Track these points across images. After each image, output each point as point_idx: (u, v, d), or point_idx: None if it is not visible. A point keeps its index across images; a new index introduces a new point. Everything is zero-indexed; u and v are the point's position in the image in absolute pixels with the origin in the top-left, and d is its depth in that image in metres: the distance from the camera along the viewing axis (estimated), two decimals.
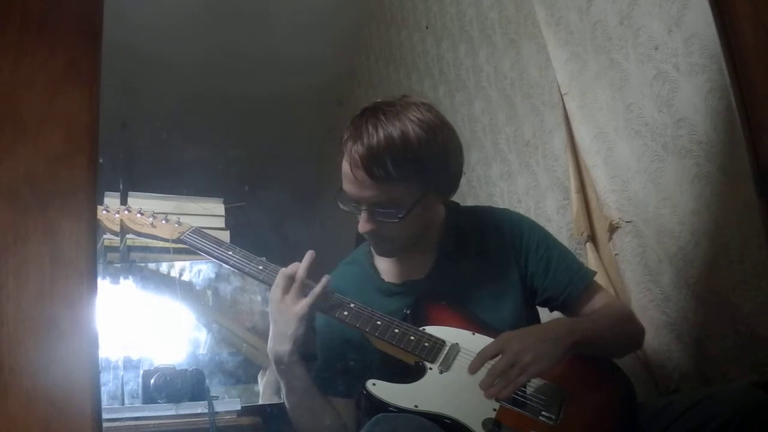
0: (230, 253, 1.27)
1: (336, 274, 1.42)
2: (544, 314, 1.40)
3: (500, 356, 1.11)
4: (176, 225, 1.37)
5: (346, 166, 1.21)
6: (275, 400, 1.74)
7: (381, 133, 1.16)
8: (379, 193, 1.18)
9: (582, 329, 1.20)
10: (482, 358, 1.13)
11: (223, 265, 1.29)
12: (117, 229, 1.43)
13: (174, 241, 1.34)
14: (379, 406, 1.10)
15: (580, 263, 1.39)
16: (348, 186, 1.21)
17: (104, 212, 1.41)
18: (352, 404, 1.28)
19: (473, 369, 1.13)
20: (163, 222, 1.39)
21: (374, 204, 1.20)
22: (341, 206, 1.26)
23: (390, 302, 1.31)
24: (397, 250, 1.31)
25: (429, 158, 1.19)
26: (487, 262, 1.32)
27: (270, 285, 1.23)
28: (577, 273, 1.32)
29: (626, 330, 1.30)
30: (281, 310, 1.19)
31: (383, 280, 1.34)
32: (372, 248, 1.33)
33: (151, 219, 1.40)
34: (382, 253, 1.33)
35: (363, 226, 1.23)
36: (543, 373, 1.12)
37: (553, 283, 1.30)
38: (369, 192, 1.19)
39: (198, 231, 1.34)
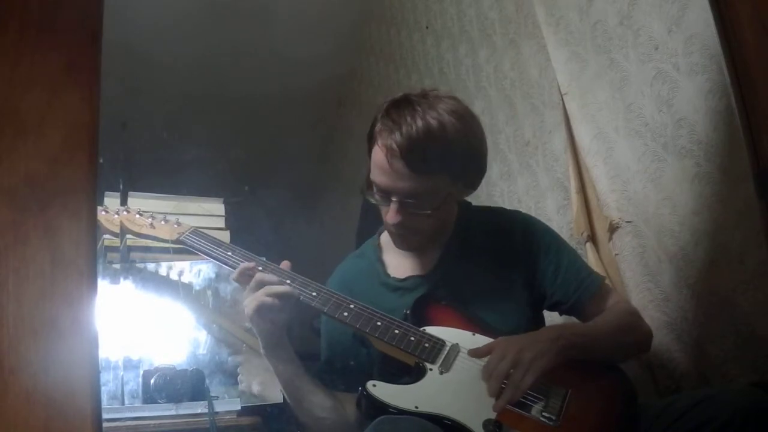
0: (229, 253, 1.26)
1: (343, 267, 1.42)
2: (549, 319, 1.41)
3: (502, 360, 1.11)
4: (175, 225, 1.36)
5: (380, 157, 1.18)
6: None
7: (420, 123, 1.15)
8: (416, 185, 1.17)
9: (574, 333, 1.20)
10: (491, 367, 1.13)
11: (222, 265, 1.28)
12: (116, 230, 1.43)
13: (173, 242, 1.33)
14: (380, 407, 1.10)
15: (590, 268, 1.39)
16: (380, 177, 1.20)
17: (103, 213, 1.41)
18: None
19: (486, 377, 1.12)
20: (162, 223, 1.38)
21: (408, 195, 1.19)
22: (369, 198, 1.24)
23: (393, 297, 1.31)
24: (419, 244, 1.30)
25: (464, 149, 1.19)
26: (493, 262, 1.32)
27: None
28: (586, 278, 1.32)
29: (627, 338, 1.28)
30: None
31: (388, 274, 1.34)
32: (393, 241, 1.32)
33: (150, 220, 1.39)
34: (405, 246, 1.31)
35: (393, 217, 1.21)
36: (546, 371, 1.11)
37: (562, 287, 1.30)
38: (405, 183, 1.18)
39: (197, 231, 1.33)
